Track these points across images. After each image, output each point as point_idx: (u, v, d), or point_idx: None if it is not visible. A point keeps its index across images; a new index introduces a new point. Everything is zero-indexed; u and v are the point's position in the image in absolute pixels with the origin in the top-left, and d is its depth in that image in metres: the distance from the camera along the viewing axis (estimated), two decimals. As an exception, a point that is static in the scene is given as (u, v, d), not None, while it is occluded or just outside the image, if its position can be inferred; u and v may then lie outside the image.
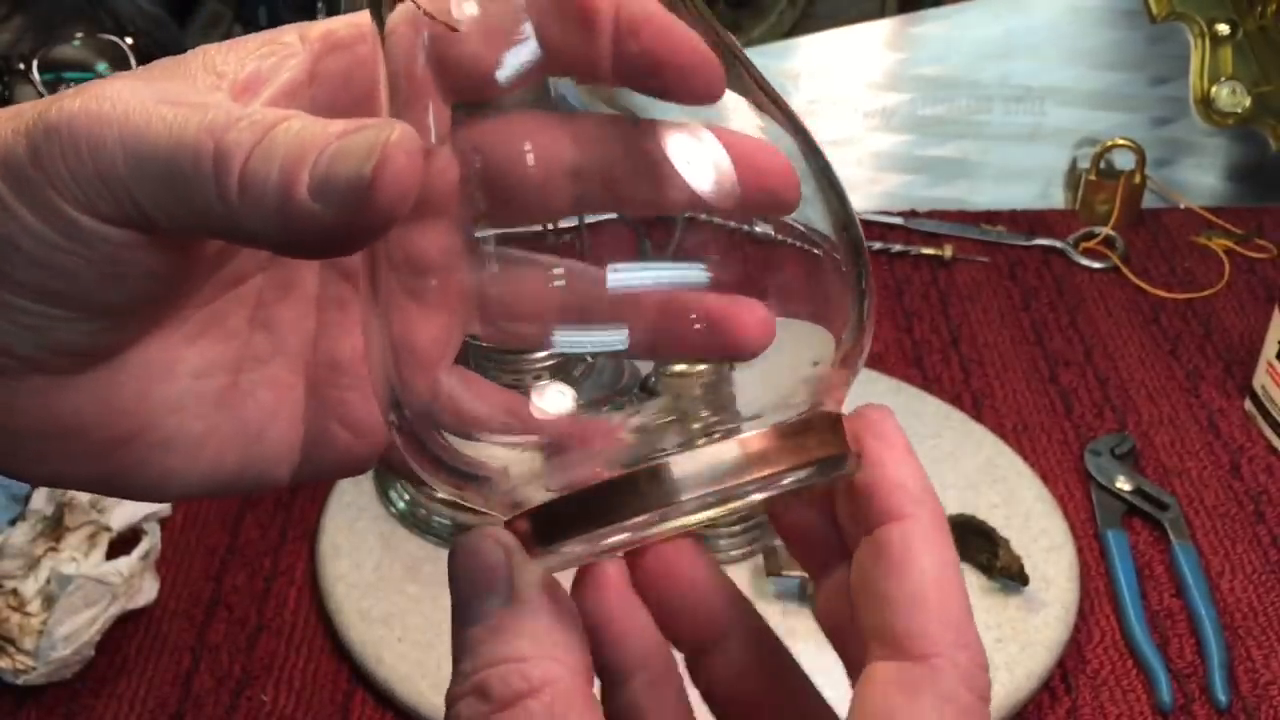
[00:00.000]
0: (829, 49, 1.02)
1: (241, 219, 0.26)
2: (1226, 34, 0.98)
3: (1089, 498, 0.72)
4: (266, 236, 0.26)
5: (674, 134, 0.27)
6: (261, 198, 0.26)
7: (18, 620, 0.59)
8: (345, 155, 0.25)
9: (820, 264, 0.28)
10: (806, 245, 0.28)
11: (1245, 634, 0.65)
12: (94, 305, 0.28)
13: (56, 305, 0.28)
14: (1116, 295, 0.90)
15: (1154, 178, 0.97)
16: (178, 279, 0.30)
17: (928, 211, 0.98)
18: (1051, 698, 0.62)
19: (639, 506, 0.26)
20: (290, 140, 0.26)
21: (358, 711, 0.61)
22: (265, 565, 0.68)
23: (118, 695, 0.62)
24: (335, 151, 0.25)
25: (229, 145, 0.26)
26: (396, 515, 0.69)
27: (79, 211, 0.27)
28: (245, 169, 0.26)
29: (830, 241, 0.28)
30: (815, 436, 0.27)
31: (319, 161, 0.25)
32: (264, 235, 0.26)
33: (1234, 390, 0.81)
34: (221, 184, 0.26)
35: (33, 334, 0.28)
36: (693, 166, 0.27)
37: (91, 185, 0.27)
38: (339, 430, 0.33)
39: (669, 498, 0.26)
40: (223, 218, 0.26)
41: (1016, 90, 1.01)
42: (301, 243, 0.26)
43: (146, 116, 0.26)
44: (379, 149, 0.25)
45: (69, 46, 0.86)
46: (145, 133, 0.26)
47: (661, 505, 0.26)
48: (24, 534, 0.62)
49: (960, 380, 0.81)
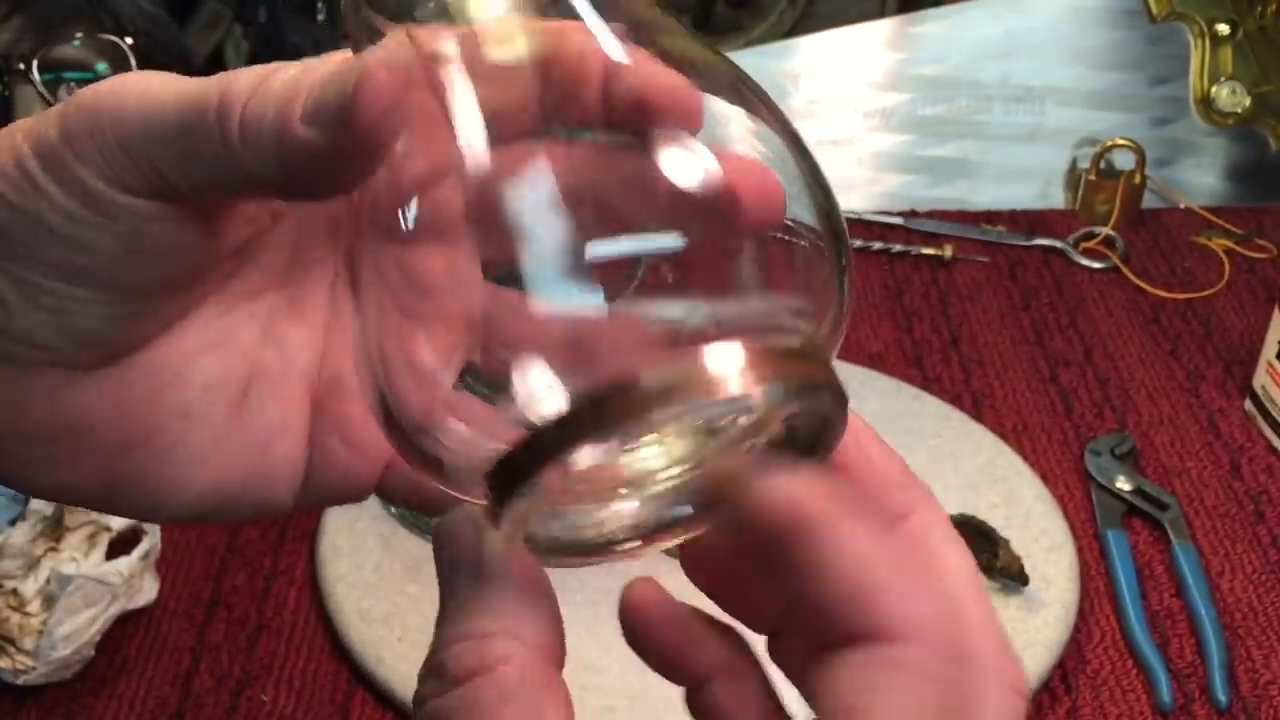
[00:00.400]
0: (829, 49, 1.02)
1: (245, 162, 0.28)
2: (1226, 34, 0.98)
3: (1089, 498, 0.72)
4: (267, 177, 0.28)
5: (670, 158, 0.27)
6: (259, 135, 0.27)
7: (18, 620, 0.59)
8: (332, 81, 0.27)
9: (800, 243, 0.28)
10: (790, 235, 0.28)
11: (1245, 634, 0.65)
12: (117, 284, 0.29)
13: (81, 284, 0.29)
14: (1116, 295, 0.90)
15: (1154, 178, 0.97)
16: (197, 259, 0.31)
17: (928, 211, 0.98)
18: (1051, 698, 0.62)
19: (589, 427, 0.24)
20: (286, 81, 0.27)
21: (358, 711, 0.61)
22: (265, 565, 0.68)
23: (118, 695, 0.62)
24: (324, 79, 0.27)
25: (231, 95, 0.27)
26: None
27: (105, 184, 0.28)
28: (244, 113, 0.27)
29: (813, 228, 0.28)
30: (803, 363, 0.25)
31: (310, 93, 0.27)
32: (265, 176, 0.28)
33: (1234, 390, 0.81)
34: (224, 128, 0.27)
35: (55, 319, 0.29)
36: (688, 190, 0.26)
37: (115, 157, 0.28)
38: (339, 447, 0.33)
39: (624, 415, 0.24)
40: (228, 164, 0.28)
41: (1016, 90, 1.01)
42: (300, 178, 0.28)
43: (164, 85, 0.28)
44: (360, 69, 0.26)
45: (69, 46, 0.86)
46: (161, 96, 0.28)
47: (616, 423, 0.24)
48: (24, 534, 0.62)
49: (960, 380, 0.81)
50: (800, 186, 0.28)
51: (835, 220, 0.28)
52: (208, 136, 0.28)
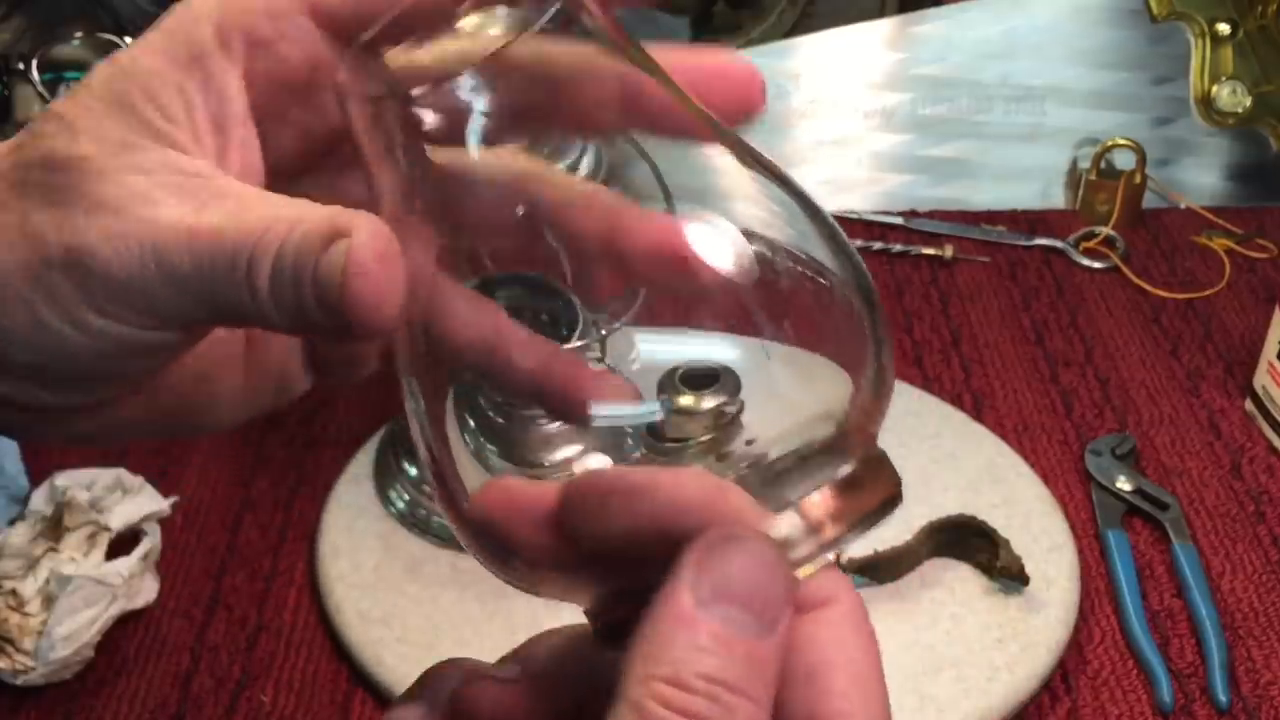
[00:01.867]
0: (829, 49, 1.02)
1: (272, 319, 0.28)
2: (1227, 34, 0.98)
3: (1089, 498, 0.72)
4: (290, 330, 0.29)
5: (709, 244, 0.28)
6: (284, 299, 0.27)
7: (17, 620, 0.59)
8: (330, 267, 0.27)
9: (834, 305, 0.29)
10: (820, 288, 0.29)
11: (1246, 634, 0.65)
12: (84, 379, 0.30)
13: (41, 384, 0.30)
14: (1117, 295, 0.90)
15: (1154, 177, 0.97)
16: (179, 349, 0.31)
17: (928, 211, 0.98)
18: (1052, 698, 0.62)
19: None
20: (300, 243, 0.27)
21: (358, 711, 0.61)
22: (265, 565, 0.68)
23: (117, 695, 0.62)
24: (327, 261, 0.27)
25: (260, 253, 0.27)
26: (396, 515, 0.69)
27: (102, 319, 0.28)
28: (272, 275, 0.27)
29: (843, 289, 0.29)
30: (869, 484, 0.28)
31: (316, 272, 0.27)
32: (286, 329, 0.28)
33: (1234, 390, 0.81)
34: (254, 288, 0.27)
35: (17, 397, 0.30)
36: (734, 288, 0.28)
37: (119, 299, 0.28)
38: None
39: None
40: (254, 313, 0.28)
41: (1017, 90, 1.01)
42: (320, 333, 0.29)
43: (174, 230, 0.28)
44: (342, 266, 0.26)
45: (69, 46, 0.86)
46: (175, 247, 0.28)
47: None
48: (23, 534, 0.62)
49: (960, 380, 0.81)
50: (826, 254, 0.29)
51: (867, 289, 0.30)
52: (235, 291, 0.28)
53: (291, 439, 0.76)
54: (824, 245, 0.29)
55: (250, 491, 0.73)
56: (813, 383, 0.29)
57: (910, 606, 0.64)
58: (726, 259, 0.27)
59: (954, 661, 0.61)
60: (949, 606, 0.64)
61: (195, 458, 0.75)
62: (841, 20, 1.03)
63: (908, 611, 0.64)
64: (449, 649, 0.62)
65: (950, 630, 0.63)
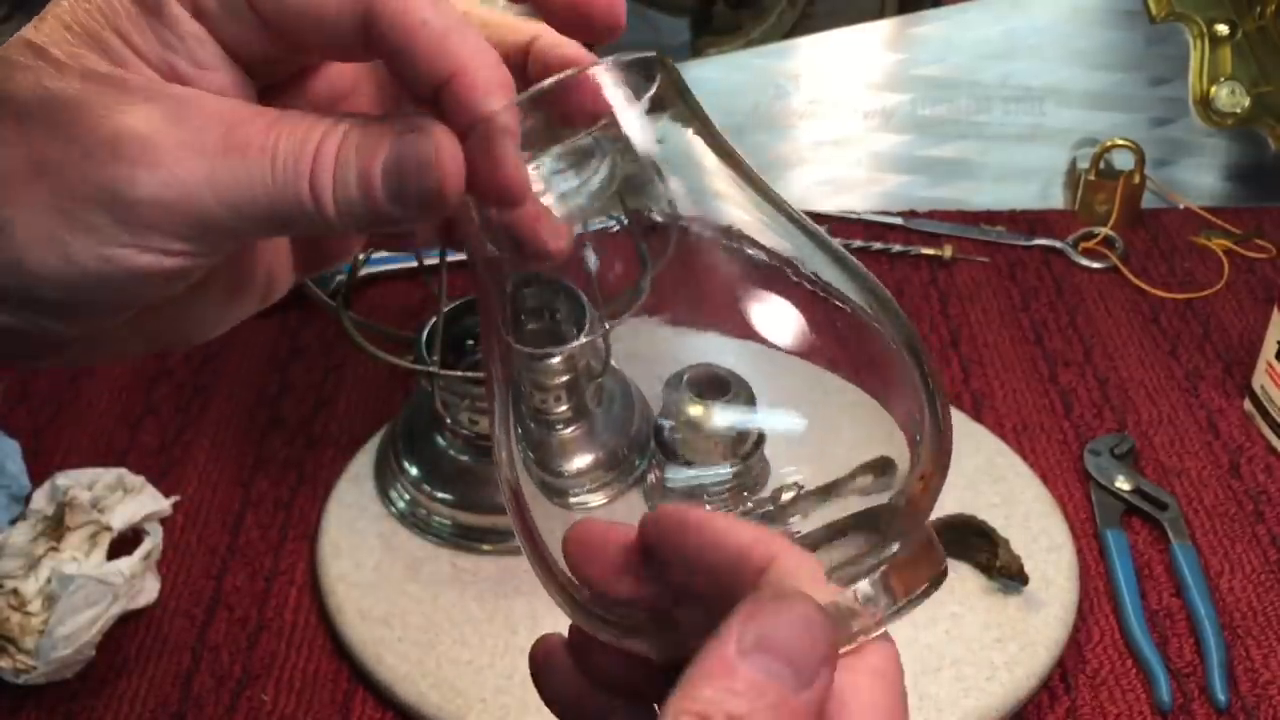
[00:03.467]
0: (829, 49, 1.02)
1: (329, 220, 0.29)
2: (1226, 34, 0.98)
3: (1089, 498, 0.72)
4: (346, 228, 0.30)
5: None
6: (353, 210, 0.29)
7: (18, 620, 0.60)
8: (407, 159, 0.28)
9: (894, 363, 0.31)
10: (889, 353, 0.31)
11: (1245, 634, 0.65)
12: (104, 310, 0.30)
13: (57, 316, 0.30)
14: (1116, 295, 0.90)
15: (1153, 178, 0.97)
16: (201, 273, 0.31)
17: (928, 211, 0.98)
18: (1051, 697, 0.62)
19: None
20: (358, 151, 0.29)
21: (358, 711, 0.61)
22: (266, 565, 0.68)
23: (118, 695, 0.62)
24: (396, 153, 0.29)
25: (319, 177, 0.29)
26: (396, 515, 0.69)
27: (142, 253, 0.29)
28: (335, 194, 0.29)
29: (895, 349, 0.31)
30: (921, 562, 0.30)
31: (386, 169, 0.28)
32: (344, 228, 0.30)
33: (1233, 390, 0.81)
34: (322, 215, 0.29)
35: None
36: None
37: (163, 230, 0.28)
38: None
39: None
40: (313, 222, 0.29)
41: (1016, 90, 1.01)
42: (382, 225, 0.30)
43: (232, 178, 0.28)
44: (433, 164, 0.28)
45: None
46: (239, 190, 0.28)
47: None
48: (24, 534, 0.62)
49: (960, 380, 0.81)
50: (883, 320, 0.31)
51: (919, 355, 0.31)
52: (305, 219, 0.29)
53: (292, 439, 0.76)
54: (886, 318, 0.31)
55: (251, 491, 0.73)
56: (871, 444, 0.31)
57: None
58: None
59: (953, 661, 0.61)
60: (948, 606, 0.64)
61: (196, 457, 0.75)
62: (841, 21, 1.04)
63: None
64: (449, 648, 0.62)
65: (950, 629, 0.63)
